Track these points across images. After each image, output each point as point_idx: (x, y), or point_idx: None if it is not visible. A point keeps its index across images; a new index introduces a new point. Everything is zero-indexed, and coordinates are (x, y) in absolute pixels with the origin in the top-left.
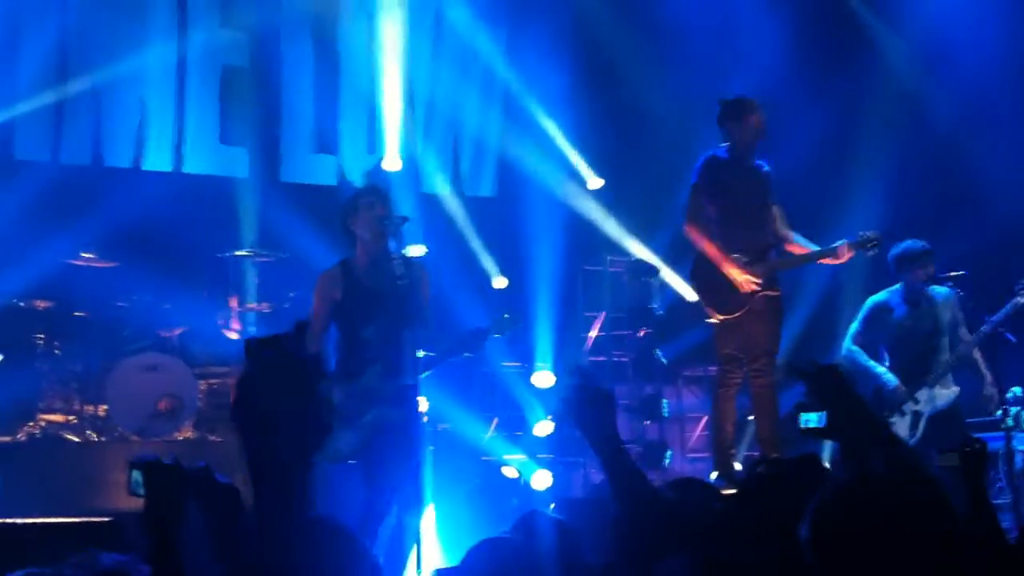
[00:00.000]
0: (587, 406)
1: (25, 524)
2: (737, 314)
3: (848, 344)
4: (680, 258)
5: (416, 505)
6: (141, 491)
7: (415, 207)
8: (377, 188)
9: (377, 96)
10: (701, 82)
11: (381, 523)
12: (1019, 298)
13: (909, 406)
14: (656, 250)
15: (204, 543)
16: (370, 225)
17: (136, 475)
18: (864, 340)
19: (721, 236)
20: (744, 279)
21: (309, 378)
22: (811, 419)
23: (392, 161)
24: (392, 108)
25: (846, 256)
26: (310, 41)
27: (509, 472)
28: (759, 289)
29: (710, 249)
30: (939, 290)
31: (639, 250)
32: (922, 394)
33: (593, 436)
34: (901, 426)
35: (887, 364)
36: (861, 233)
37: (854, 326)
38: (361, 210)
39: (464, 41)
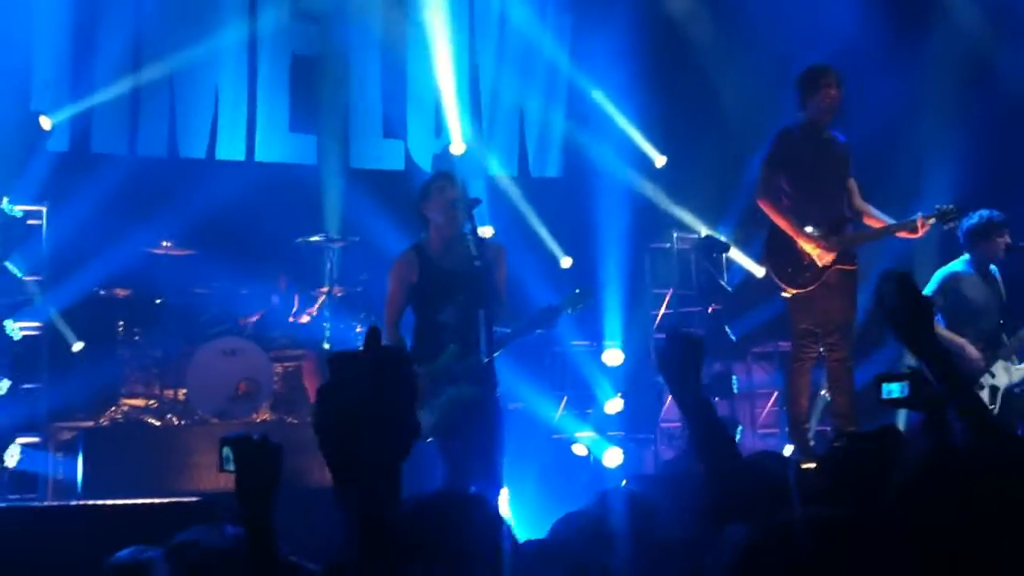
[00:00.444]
0: (677, 353)
1: (112, 506)
2: (810, 288)
3: None
4: (749, 235)
5: (495, 482)
6: (232, 467)
7: (483, 190)
8: (448, 172)
9: (443, 81)
10: (769, 55)
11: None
12: None
13: (987, 379)
14: (724, 227)
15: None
16: (443, 208)
17: (227, 451)
18: (937, 311)
19: (795, 210)
20: (818, 252)
21: (396, 383)
22: (893, 389)
23: (457, 145)
24: (457, 93)
25: (923, 229)
26: (378, 27)
27: (579, 450)
28: (832, 263)
29: (784, 222)
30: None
31: (710, 226)
32: (997, 367)
33: (678, 386)
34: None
35: None
36: (938, 206)
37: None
38: (433, 194)
39: (529, 22)
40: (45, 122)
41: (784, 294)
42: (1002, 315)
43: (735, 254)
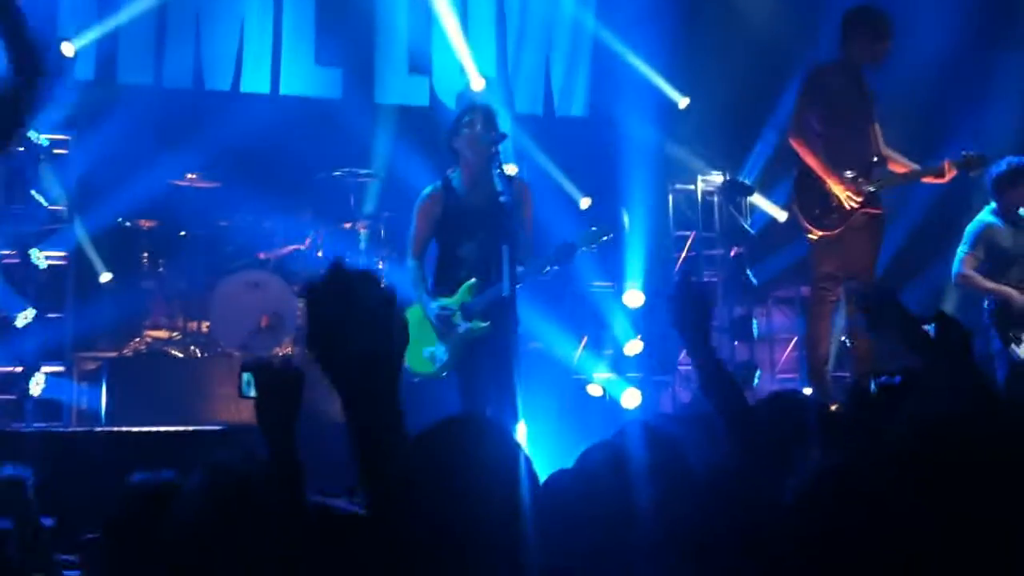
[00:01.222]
0: (688, 304)
1: (137, 432)
2: (836, 231)
3: (960, 269)
4: (772, 179)
5: (511, 416)
6: (252, 392)
7: (507, 127)
8: (478, 106)
9: (470, 16)
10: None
11: None
12: None
13: None
14: (748, 170)
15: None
16: (472, 143)
17: (247, 377)
18: (977, 263)
19: (827, 151)
20: (846, 195)
21: (368, 300)
22: None
23: (476, 81)
24: (483, 29)
25: (950, 174)
26: None
27: (594, 390)
28: (860, 206)
29: (815, 162)
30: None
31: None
32: None
33: (688, 335)
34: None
35: None
36: (964, 152)
37: (963, 249)
38: (464, 128)
39: None
40: (68, 48)
41: (810, 236)
42: None
43: (757, 198)
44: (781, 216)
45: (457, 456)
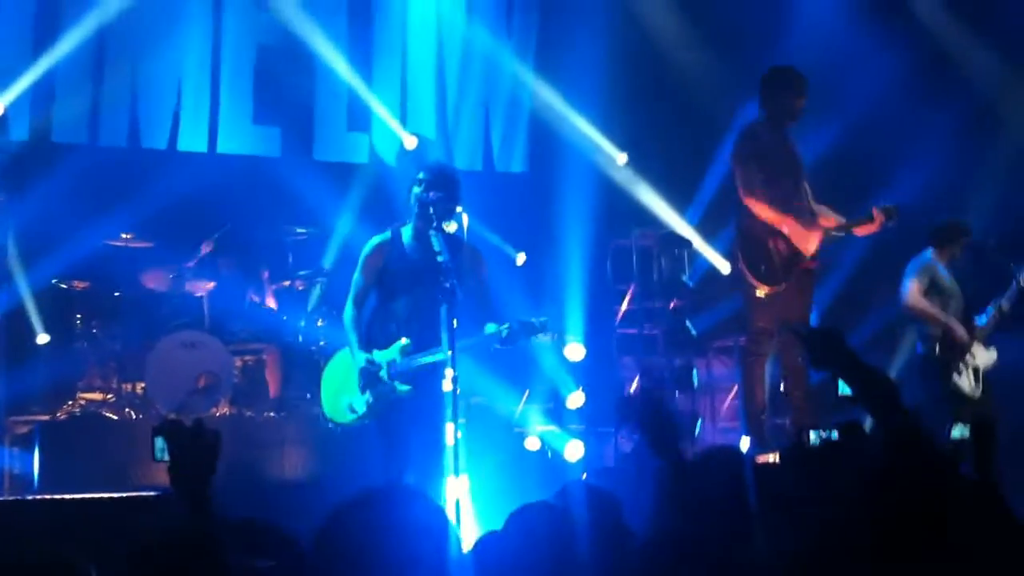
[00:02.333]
0: (650, 418)
1: (70, 500)
2: (783, 286)
3: (911, 298)
4: (712, 230)
5: (437, 474)
6: (166, 456)
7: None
8: (430, 167)
9: (409, 74)
10: (741, 52)
11: (400, 480)
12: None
13: (969, 359)
14: (687, 223)
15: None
16: (415, 201)
17: (159, 441)
18: (922, 294)
19: (767, 203)
20: (812, 237)
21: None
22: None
23: (408, 140)
24: (422, 87)
25: (879, 220)
26: (344, 20)
27: (531, 444)
28: (801, 261)
29: (773, 214)
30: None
31: (672, 221)
32: (976, 349)
33: (657, 447)
34: (965, 380)
35: None
36: (882, 205)
37: (910, 279)
38: (413, 185)
39: (496, 19)
40: None
41: (758, 292)
42: (966, 303)
43: (704, 249)
44: (724, 267)
45: (379, 527)
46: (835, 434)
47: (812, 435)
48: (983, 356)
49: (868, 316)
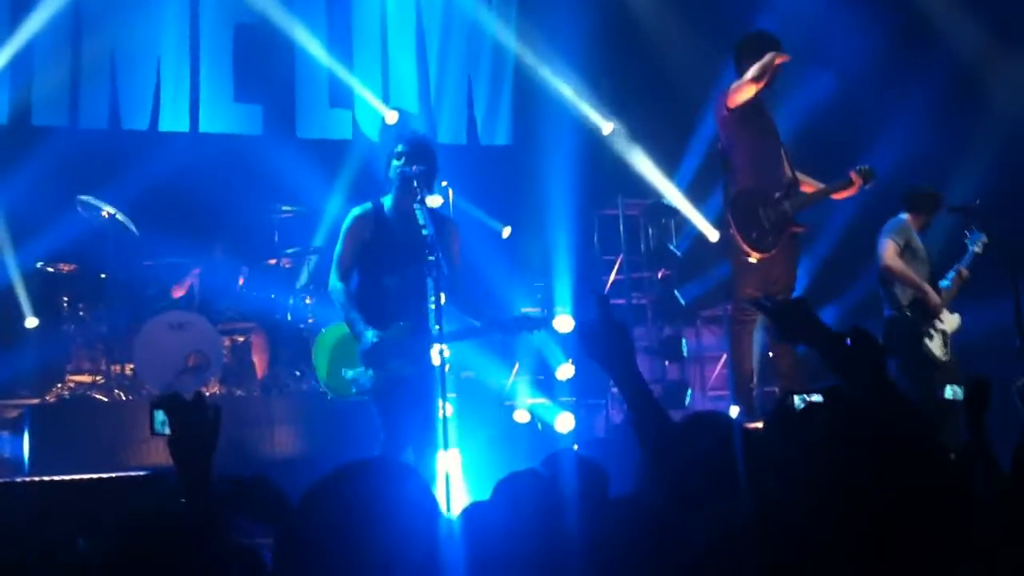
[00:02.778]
0: (603, 341)
1: (60, 482)
2: (773, 252)
3: (888, 258)
4: (700, 197)
5: (430, 448)
6: (166, 430)
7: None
8: (408, 139)
9: (390, 48)
10: (720, 17)
11: (400, 457)
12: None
13: (938, 324)
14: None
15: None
16: (398, 175)
17: (159, 415)
18: (898, 253)
19: (753, 174)
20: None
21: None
22: None
23: (389, 115)
24: (404, 61)
25: (857, 183)
26: None
27: (520, 416)
28: (787, 225)
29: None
30: None
31: (664, 188)
32: (944, 314)
33: (612, 370)
34: (936, 345)
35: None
36: (859, 167)
37: (887, 239)
38: (392, 159)
39: None
40: None
41: (750, 259)
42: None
43: (693, 216)
44: (712, 235)
45: (362, 499)
46: (818, 397)
47: (796, 399)
48: (950, 320)
49: (857, 282)
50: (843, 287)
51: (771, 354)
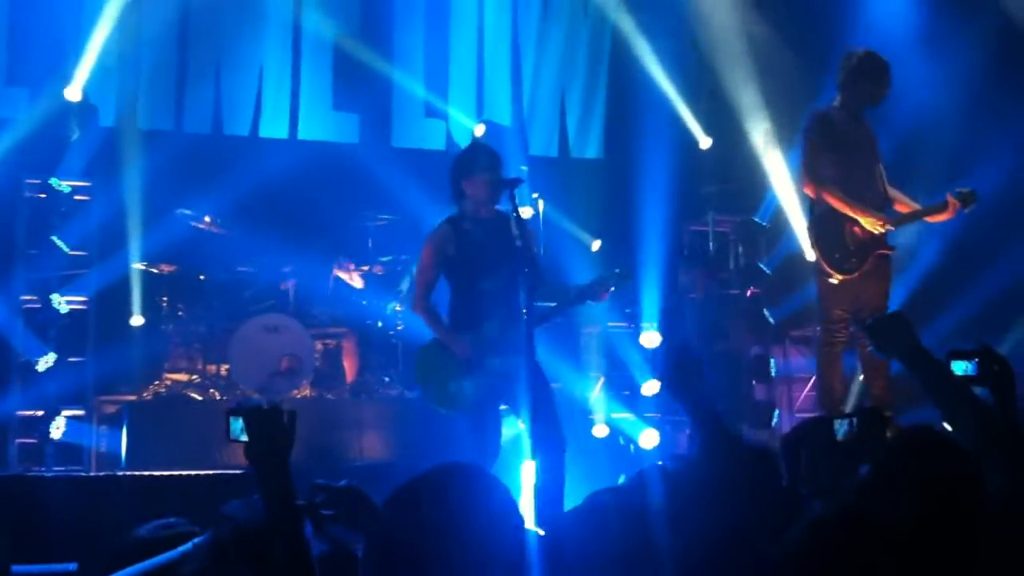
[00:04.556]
0: (677, 370)
1: (156, 477)
2: (856, 274)
3: None
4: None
5: (559, 444)
6: (243, 437)
7: (524, 170)
8: (490, 151)
9: (486, 60)
10: (821, 38)
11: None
12: None
13: None
14: (765, 209)
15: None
16: (484, 186)
17: (236, 422)
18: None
19: (840, 187)
20: (878, 224)
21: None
22: (967, 367)
23: (479, 127)
24: (498, 73)
25: (953, 208)
26: (421, 6)
27: (599, 431)
28: (875, 247)
29: (839, 202)
30: None
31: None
32: None
33: (685, 400)
34: None
35: None
36: (958, 190)
37: None
38: (476, 171)
39: (571, 2)
40: (72, 93)
41: (831, 280)
42: None
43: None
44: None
45: (447, 503)
46: (854, 422)
47: (836, 423)
48: None
49: (952, 305)
50: (938, 311)
51: (862, 377)
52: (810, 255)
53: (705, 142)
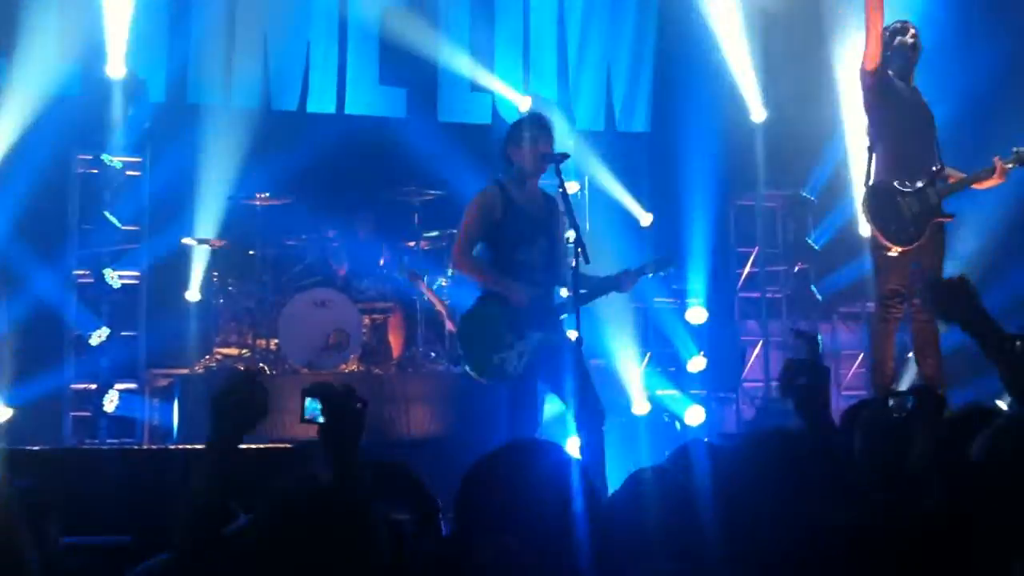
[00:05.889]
0: (801, 376)
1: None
2: (916, 244)
3: None
4: (834, 195)
5: (599, 418)
6: (319, 418)
7: (571, 144)
8: (544, 122)
9: (531, 34)
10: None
11: None
12: None
13: None
14: (811, 187)
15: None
16: (532, 158)
17: (310, 402)
18: None
19: (895, 161)
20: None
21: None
22: None
23: (523, 101)
24: (544, 46)
25: (1003, 170)
26: None
27: (640, 408)
28: (936, 215)
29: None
30: None
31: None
32: None
33: (804, 407)
34: None
35: None
36: (1016, 148)
37: None
38: (525, 142)
39: None
40: (115, 69)
41: (889, 253)
42: None
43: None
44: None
45: (523, 479)
46: (910, 400)
47: (891, 401)
48: None
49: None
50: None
51: (912, 355)
52: (864, 230)
53: (759, 114)
